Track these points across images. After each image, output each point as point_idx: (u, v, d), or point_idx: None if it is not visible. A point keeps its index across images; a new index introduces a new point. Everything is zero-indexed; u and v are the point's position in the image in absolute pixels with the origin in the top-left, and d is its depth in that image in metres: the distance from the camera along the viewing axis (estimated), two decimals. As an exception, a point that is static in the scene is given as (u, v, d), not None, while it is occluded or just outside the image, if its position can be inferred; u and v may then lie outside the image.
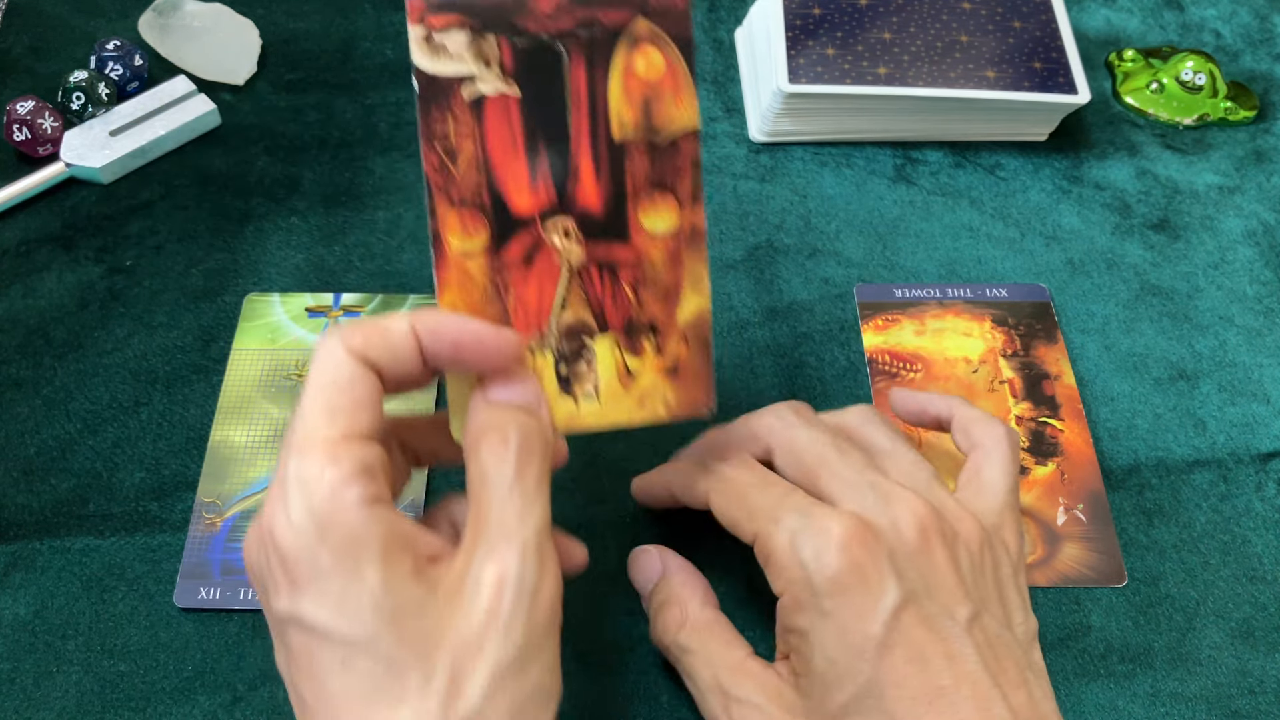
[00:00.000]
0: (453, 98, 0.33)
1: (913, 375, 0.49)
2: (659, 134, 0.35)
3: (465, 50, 0.33)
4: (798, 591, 0.34)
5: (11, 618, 0.42)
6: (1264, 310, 0.53)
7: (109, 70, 0.57)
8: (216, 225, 0.53)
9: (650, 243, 0.36)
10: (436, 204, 0.34)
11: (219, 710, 0.40)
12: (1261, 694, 0.42)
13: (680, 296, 0.36)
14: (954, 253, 0.54)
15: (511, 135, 0.34)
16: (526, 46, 0.34)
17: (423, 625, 0.29)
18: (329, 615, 0.29)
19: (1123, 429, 0.48)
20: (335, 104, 0.59)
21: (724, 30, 0.63)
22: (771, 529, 0.35)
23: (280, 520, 0.30)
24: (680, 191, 0.35)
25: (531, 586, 0.30)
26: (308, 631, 0.29)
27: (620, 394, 0.36)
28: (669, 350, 0.36)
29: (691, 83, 0.35)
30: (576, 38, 0.34)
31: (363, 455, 0.30)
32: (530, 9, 0.33)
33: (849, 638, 0.33)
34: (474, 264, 0.34)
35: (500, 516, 0.31)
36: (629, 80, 0.34)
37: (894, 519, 0.34)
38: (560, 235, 0.35)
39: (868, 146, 0.58)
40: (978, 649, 0.33)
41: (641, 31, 0.34)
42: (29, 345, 0.49)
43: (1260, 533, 0.46)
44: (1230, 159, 0.59)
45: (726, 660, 0.36)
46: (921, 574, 0.34)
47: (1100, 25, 0.65)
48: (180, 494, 0.45)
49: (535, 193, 0.34)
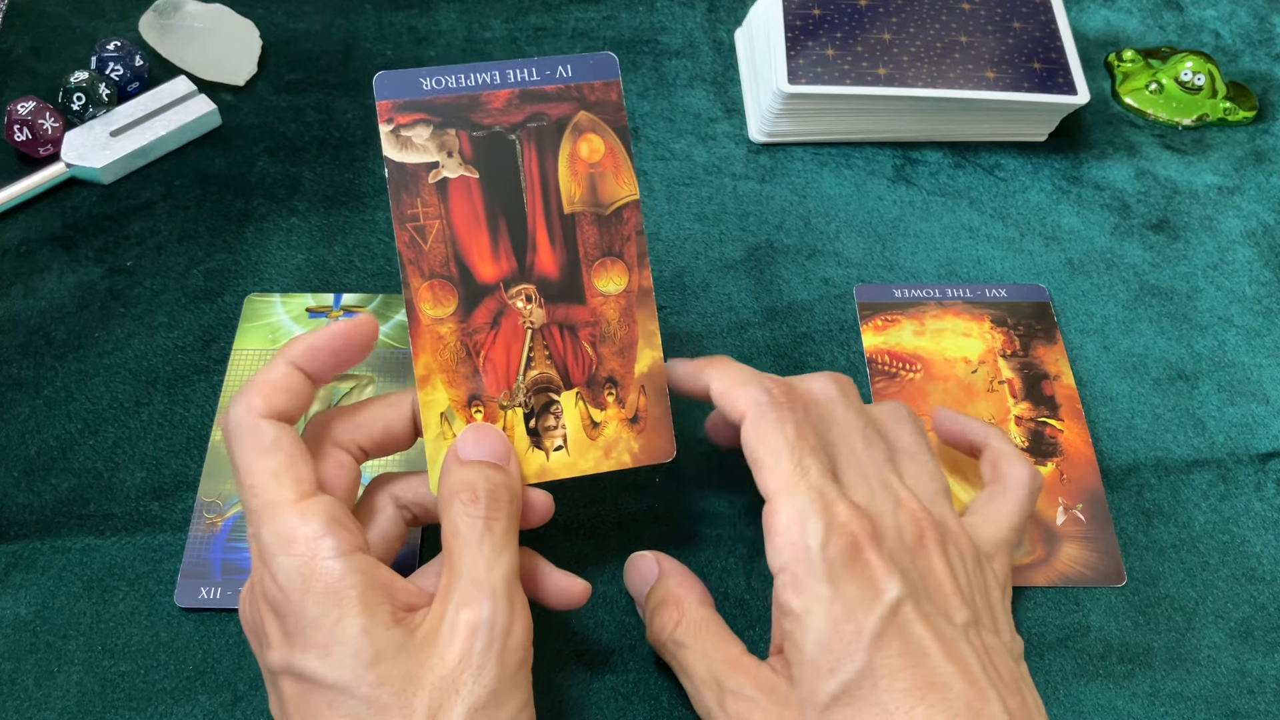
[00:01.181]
0: (419, 182, 0.38)
1: (912, 375, 0.49)
2: (604, 206, 0.39)
3: (429, 142, 0.38)
4: (797, 569, 0.34)
5: (12, 618, 0.42)
6: (1263, 310, 0.53)
7: (110, 71, 0.57)
8: (217, 225, 0.53)
9: (604, 303, 0.39)
10: (409, 276, 0.38)
11: (220, 710, 0.40)
12: (1260, 694, 0.42)
13: (636, 350, 0.40)
14: (953, 253, 0.54)
15: (474, 212, 0.38)
16: (483, 136, 0.38)
17: (401, 668, 0.32)
18: (316, 662, 0.32)
19: (1122, 429, 0.49)
20: (335, 104, 0.59)
21: (724, 30, 0.63)
22: (783, 500, 0.34)
23: (268, 580, 0.33)
24: (627, 256, 0.39)
25: (502, 630, 0.32)
26: (298, 678, 0.32)
27: (587, 445, 0.39)
28: (629, 401, 0.39)
29: (629, 161, 0.39)
30: (526, 129, 0.38)
31: (327, 509, 0.33)
32: (484, 106, 0.38)
33: (845, 625, 0.33)
34: (445, 329, 0.38)
35: (472, 566, 0.33)
36: (575, 163, 0.39)
37: (899, 522, 0.35)
38: (523, 300, 0.39)
39: (867, 147, 0.58)
40: (975, 652, 0.34)
41: (584, 122, 0.39)
42: (30, 345, 0.49)
43: (1260, 533, 0.46)
44: (1229, 159, 0.59)
45: (721, 655, 0.36)
46: (922, 576, 0.34)
47: (1100, 26, 0.66)
48: (181, 494, 0.45)
49: (498, 262, 0.38)
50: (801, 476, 0.35)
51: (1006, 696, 0.33)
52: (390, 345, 0.49)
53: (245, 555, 0.43)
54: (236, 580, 0.42)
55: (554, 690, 0.41)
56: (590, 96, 0.39)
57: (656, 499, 0.45)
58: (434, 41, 0.62)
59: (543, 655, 0.39)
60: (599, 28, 0.63)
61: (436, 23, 0.63)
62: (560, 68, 0.39)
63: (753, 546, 0.44)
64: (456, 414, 0.38)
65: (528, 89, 0.38)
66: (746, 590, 0.43)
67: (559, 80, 0.39)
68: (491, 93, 0.38)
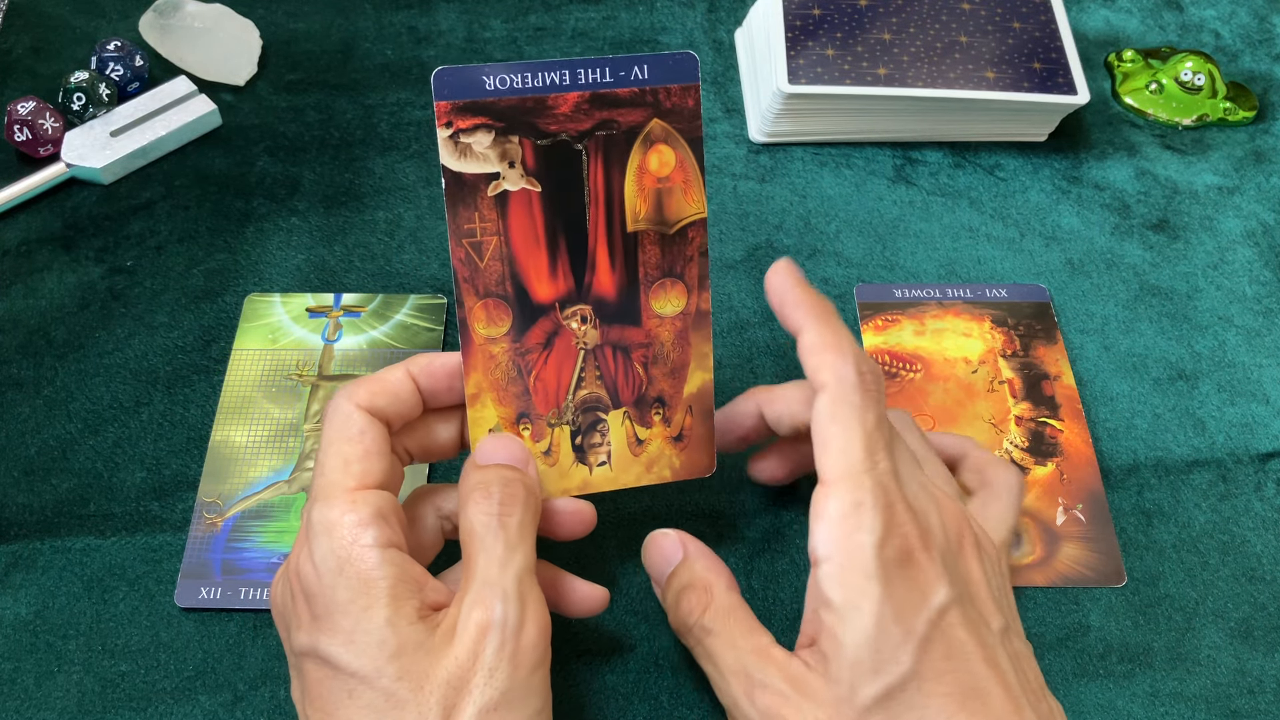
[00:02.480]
0: (479, 195, 0.35)
1: (912, 375, 0.49)
2: (669, 224, 0.37)
3: (490, 150, 0.35)
4: (844, 561, 0.32)
5: (12, 618, 0.42)
6: (1263, 310, 0.53)
7: (110, 71, 0.57)
8: (217, 225, 0.53)
9: (660, 325, 0.38)
10: (463, 295, 0.36)
11: (220, 710, 0.40)
12: (1260, 694, 0.42)
13: (687, 372, 0.39)
14: (954, 253, 0.54)
15: (533, 228, 0.36)
16: (547, 145, 0.36)
17: (420, 664, 0.32)
18: (340, 648, 0.32)
19: (1122, 429, 0.49)
20: (335, 104, 0.59)
21: (724, 30, 0.63)
22: (844, 487, 0.33)
23: (304, 560, 0.33)
24: (688, 278, 0.38)
25: (514, 630, 0.32)
26: (322, 663, 0.32)
27: (630, 460, 0.39)
28: (675, 420, 0.39)
29: (700, 176, 0.37)
30: (595, 137, 0.36)
31: (378, 502, 0.34)
32: (550, 110, 0.35)
33: (894, 627, 0.32)
34: (498, 348, 0.37)
35: (485, 565, 0.33)
36: (643, 177, 0.37)
37: (942, 521, 0.34)
38: (577, 321, 0.37)
39: (867, 147, 0.58)
40: (1009, 659, 0.33)
41: (657, 132, 0.36)
42: (30, 345, 0.49)
43: (1260, 533, 0.46)
44: (1229, 159, 0.59)
45: (750, 644, 0.35)
46: (964, 579, 0.34)
47: (1100, 26, 0.66)
48: (181, 494, 0.45)
49: (555, 282, 0.37)
50: (870, 468, 0.33)
51: (1036, 704, 0.33)
52: (391, 345, 0.49)
53: (245, 555, 0.43)
54: (236, 580, 0.42)
55: (554, 690, 0.41)
56: (666, 103, 0.36)
57: (655, 499, 0.45)
58: (434, 41, 0.62)
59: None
60: (599, 28, 0.63)
61: (436, 23, 0.63)
62: (636, 69, 0.36)
63: (754, 547, 0.44)
64: (504, 430, 0.38)
65: (599, 92, 0.35)
66: (746, 590, 0.43)
67: (633, 82, 0.36)
68: (560, 95, 0.35)
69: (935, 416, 0.48)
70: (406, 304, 0.51)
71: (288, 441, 0.46)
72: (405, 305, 0.51)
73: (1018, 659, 0.34)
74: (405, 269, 0.52)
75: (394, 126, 0.58)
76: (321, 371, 0.48)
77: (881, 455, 0.33)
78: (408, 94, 0.59)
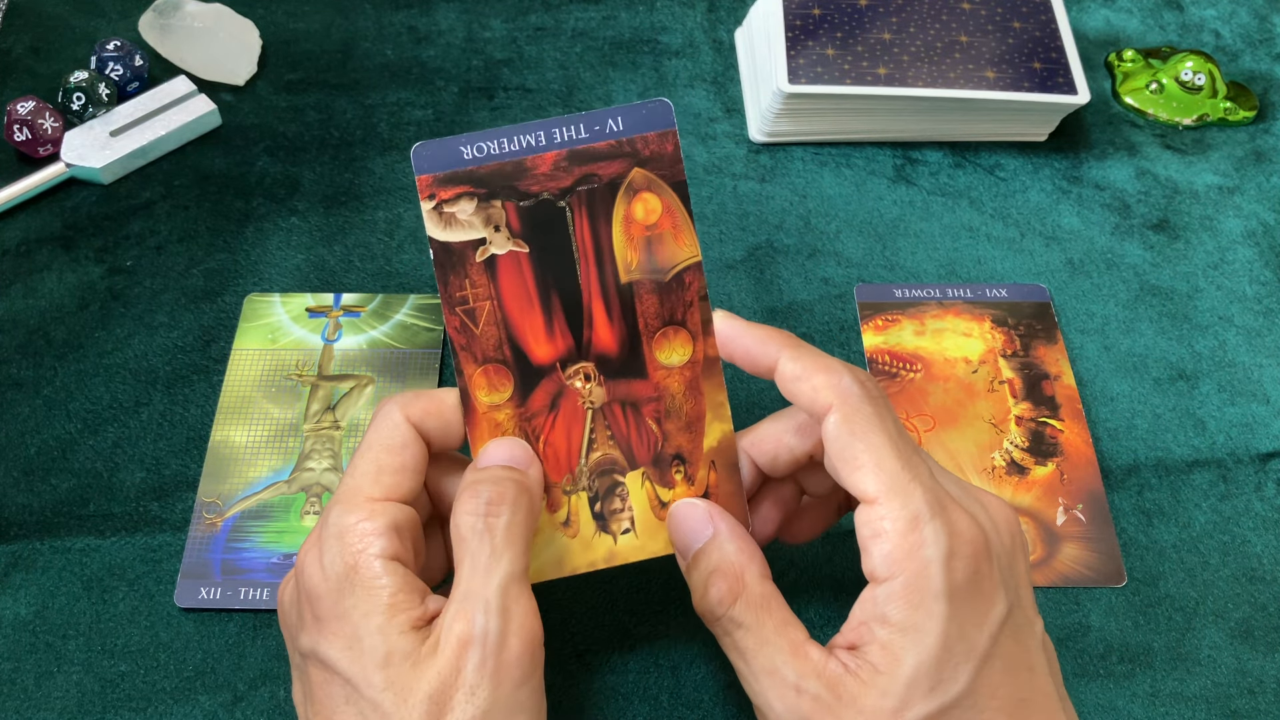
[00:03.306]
0: (467, 262, 0.35)
1: (912, 375, 0.49)
2: (663, 271, 0.36)
3: (474, 217, 0.35)
4: (909, 580, 0.31)
5: (12, 618, 0.42)
6: (1263, 310, 0.53)
7: (109, 70, 0.57)
8: (217, 225, 0.53)
9: (668, 376, 0.37)
10: (462, 363, 0.36)
11: (219, 710, 0.40)
12: (1261, 694, 0.42)
13: (704, 425, 0.37)
14: (954, 253, 0.54)
15: (525, 289, 0.36)
16: (530, 205, 0.35)
17: (405, 675, 0.31)
18: (339, 652, 0.31)
19: (1122, 429, 0.48)
20: (335, 104, 0.59)
21: (724, 30, 0.63)
22: (894, 503, 0.31)
23: (312, 562, 0.33)
24: (691, 324, 0.37)
25: (495, 646, 0.31)
26: (324, 667, 0.32)
27: (656, 526, 0.37)
28: (699, 478, 0.37)
29: (689, 220, 0.36)
30: (577, 193, 0.36)
31: (395, 515, 0.33)
32: (530, 172, 0.35)
33: (958, 644, 0.31)
34: (502, 415, 0.36)
35: (469, 574, 0.32)
36: (630, 227, 0.36)
37: (995, 523, 0.33)
38: (581, 379, 0.36)
39: (867, 146, 0.58)
40: (1048, 660, 0.33)
41: (639, 181, 0.36)
42: (30, 345, 0.49)
43: (1260, 533, 0.46)
44: (1230, 159, 0.59)
45: (786, 640, 0.33)
46: (1016, 584, 0.33)
47: (1100, 25, 0.65)
48: (181, 494, 0.45)
49: (553, 341, 0.36)
50: (913, 477, 0.31)
51: (1065, 705, 0.33)
52: (391, 345, 0.49)
53: (245, 555, 0.43)
54: (236, 580, 0.42)
55: (554, 690, 0.41)
56: (644, 151, 0.36)
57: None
58: (434, 41, 0.62)
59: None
60: (599, 27, 0.63)
61: (436, 22, 0.63)
62: (610, 121, 0.36)
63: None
64: None
65: (576, 148, 0.36)
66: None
67: (609, 135, 0.36)
68: (538, 156, 0.35)
69: (935, 416, 0.48)
70: (406, 304, 0.51)
71: (287, 441, 0.46)
72: (405, 305, 0.51)
73: (1052, 659, 0.33)
74: (405, 269, 0.52)
75: (394, 126, 0.58)
76: (321, 371, 0.48)
77: (917, 461, 0.32)
78: (408, 94, 0.59)
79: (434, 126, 0.58)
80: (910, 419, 0.48)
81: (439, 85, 0.60)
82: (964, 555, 0.31)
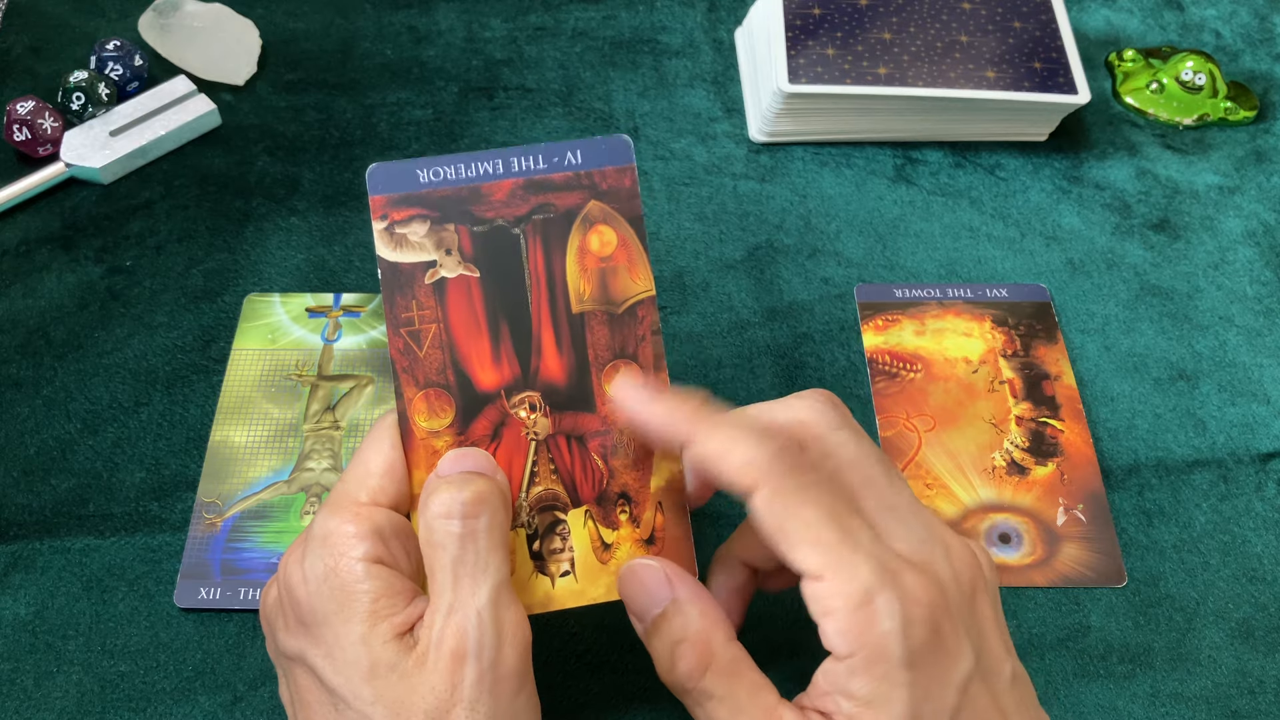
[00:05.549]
0: (415, 283, 0.35)
1: (913, 375, 0.49)
2: (616, 304, 0.36)
3: (425, 239, 0.35)
4: (870, 655, 0.30)
5: (12, 618, 0.42)
6: (1264, 310, 0.53)
7: (109, 70, 0.57)
8: (216, 225, 0.53)
9: (617, 410, 0.36)
10: (403, 386, 0.35)
11: (219, 710, 0.40)
12: (1261, 694, 0.42)
13: (652, 463, 0.36)
14: (954, 253, 0.54)
15: (474, 314, 0.35)
16: (484, 231, 0.35)
17: (395, 689, 0.30)
18: (323, 661, 0.31)
19: (1123, 429, 0.48)
20: (335, 104, 0.59)
21: (724, 30, 0.63)
22: (840, 578, 0.30)
23: (294, 565, 0.32)
24: (642, 358, 0.36)
25: (491, 660, 0.30)
26: (309, 673, 0.32)
27: (598, 569, 0.35)
28: (645, 519, 0.36)
29: (645, 254, 0.36)
30: (532, 221, 0.35)
31: (380, 519, 0.32)
32: (486, 198, 0.35)
33: (925, 706, 0.30)
34: (441, 442, 0.35)
35: (455, 583, 0.31)
36: (584, 258, 0.36)
37: (953, 569, 0.32)
38: (526, 409, 0.35)
39: (868, 146, 0.58)
40: (1018, 701, 0.32)
41: (595, 213, 0.36)
42: (29, 345, 0.49)
43: (1260, 533, 0.46)
44: (1230, 159, 0.59)
45: (758, 708, 0.32)
46: (979, 631, 0.32)
47: (1100, 25, 0.65)
48: (180, 494, 0.45)
49: (499, 368, 0.35)
50: (854, 547, 0.30)
51: None
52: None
53: (244, 555, 0.43)
54: (236, 580, 0.42)
55: (554, 690, 0.41)
56: (602, 185, 0.36)
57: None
58: (434, 41, 0.62)
59: (543, 656, 0.39)
60: (599, 27, 0.63)
61: (436, 22, 0.63)
62: (569, 154, 0.36)
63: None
64: None
65: (533, 178, 0.35)
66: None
67: (567, 168, 0.35)
68: (494, 184, 0.35)
69: (935, 417, 0.48)
70: (406, 304, 0.51)
71: (287, 441, 0.46)
72: (405, 305, 0.51)
73: (1021, 704, 0.32)
74: (405, 269, 0.52)
75: (393, 126, 0.58)
76: (321, 371, 0.48)
77: (853, 523, 0.31)
78: (407, 94, 0.59)
79: (434, 126, 0.58)
80: (910, 419, 0.48)
81: (439, 85, 0.60)
82: (921, 620, 0.30)
